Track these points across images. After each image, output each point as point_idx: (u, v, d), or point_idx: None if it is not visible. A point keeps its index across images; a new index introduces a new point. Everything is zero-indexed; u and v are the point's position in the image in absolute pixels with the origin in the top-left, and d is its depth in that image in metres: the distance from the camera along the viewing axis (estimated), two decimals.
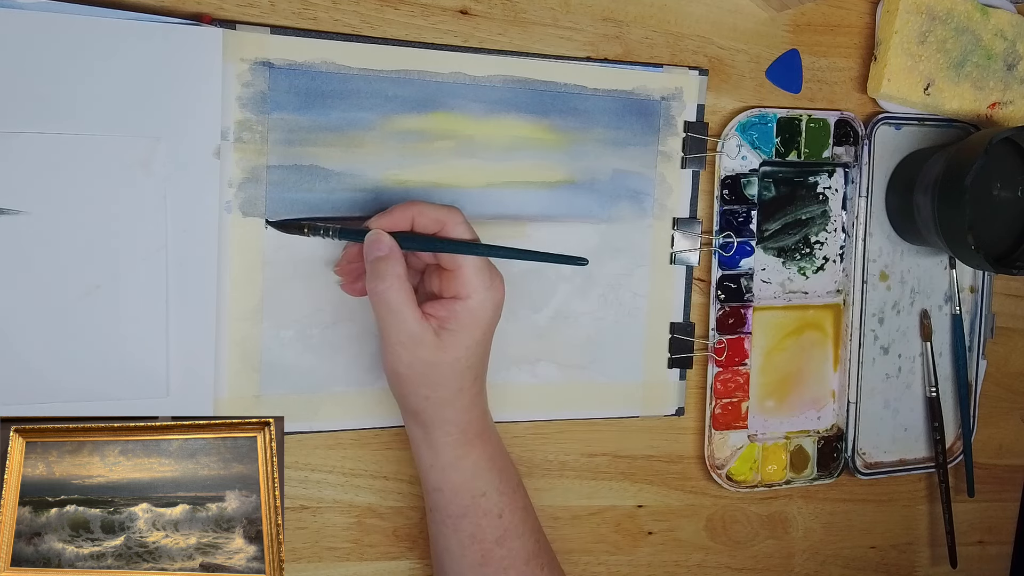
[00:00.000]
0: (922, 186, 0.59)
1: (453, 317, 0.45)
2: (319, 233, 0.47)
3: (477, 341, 0.46)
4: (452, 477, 0.48)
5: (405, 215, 0.46)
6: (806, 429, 0.63)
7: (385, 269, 0.44)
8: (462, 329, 0.45)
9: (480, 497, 0.48)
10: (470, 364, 0.46)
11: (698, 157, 0.57)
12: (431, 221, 0.46)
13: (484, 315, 0.46)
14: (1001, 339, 0.69)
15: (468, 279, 0.45)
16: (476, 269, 0.45)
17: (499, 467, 0.49)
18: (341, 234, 0.46)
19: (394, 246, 0.45)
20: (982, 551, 0.71)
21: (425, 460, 0.48)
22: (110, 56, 0.44)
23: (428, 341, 0.44)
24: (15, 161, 0.43)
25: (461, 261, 0.45)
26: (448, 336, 0.45)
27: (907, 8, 0.59)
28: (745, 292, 0.59)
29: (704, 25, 0.57)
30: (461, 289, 0.45)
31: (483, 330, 0.46)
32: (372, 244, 0.45)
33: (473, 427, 0.48)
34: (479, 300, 0.45)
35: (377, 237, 0.45)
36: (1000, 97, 0.63)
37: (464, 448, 0.48)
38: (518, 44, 0.53)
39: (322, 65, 0.49)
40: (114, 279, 0.46)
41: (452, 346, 0.45)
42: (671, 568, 0.61)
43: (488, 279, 0.46)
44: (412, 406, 0.47)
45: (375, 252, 0.45)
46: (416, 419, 0.47)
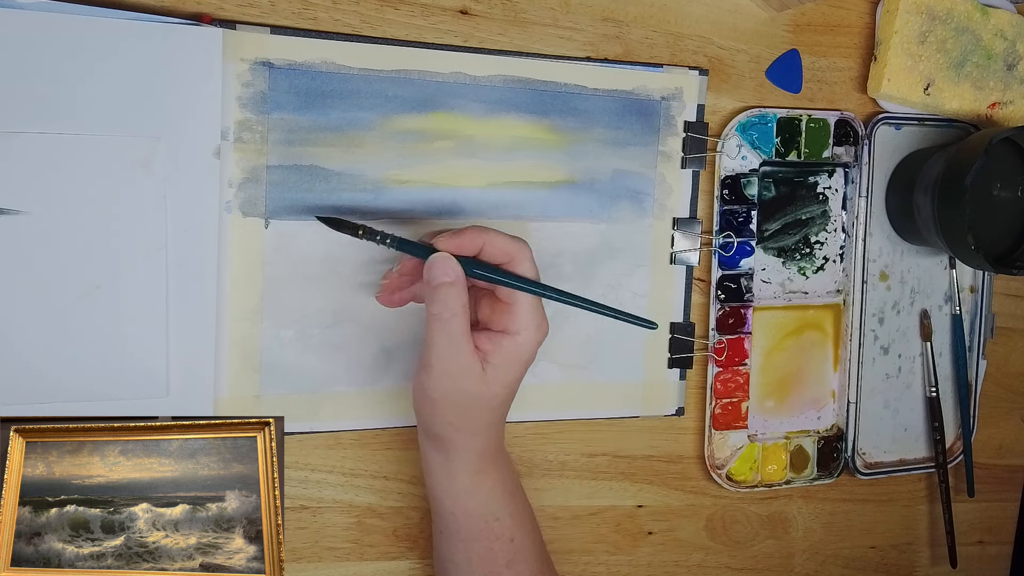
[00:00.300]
0: (922, 186, 0.59)
1: (499, 352, 0.44)
2: (375, 239, 0.45)
3: (516, 378, 0.46)
4: (467, 502, 0.47)
5: (475, 241, 0.44)
6: (806, 429, 0.63)
7: (450, 296, 0.43)
8: (505, 365, 0.45)
9: (494, 522, 0.48)
10: (504, 400, 0.46)
11: (698, 157, 0.57)
12: (500, 252, 0.45)
13: (528, 353, 0.45)
14: (1001, 339, 0.69)
15: (522, 316, 0.45)
16: (531, 307, 0.45)
17: (511, 491, 0.49)
18: (400, 245, 0.45)
19: (460, 273, 0.44)
20: (982, 551, 0.71)
21: (441, 484, 0.48)
22: (110, 56, 0.44)
23: (475, 374, 0.44)
24: (15, 161, 0.43)
25: (518, 297, 0.44)
26: (491, 371, 0.44)
27: (907, 8, 0.59)
28: (745, 292, 0.59)
29: (704, 25, 0.57)
30: (512, 324, 0.45)
31: (523, 368, 0.46)
32: (438, 267, 0.44)
33: (491, 454, 0.48)
34: (526, 338, 0.45)
35: (444, 261, 0.44)
36: (1000, 97, 0.63)
37: (481, 475, 0.47)
38: (518, 44, 0.53)
39: (322, 65, 0.49)
40: (114, 279, 0.46)
41: (494, 381, 0.44)
42: (671, 568, 0.61)
43: (540, 318, 0.45)
44: (437, 432, 0.46)
45: (441, 277, 0.43)
46: (438, 445, 0.47)
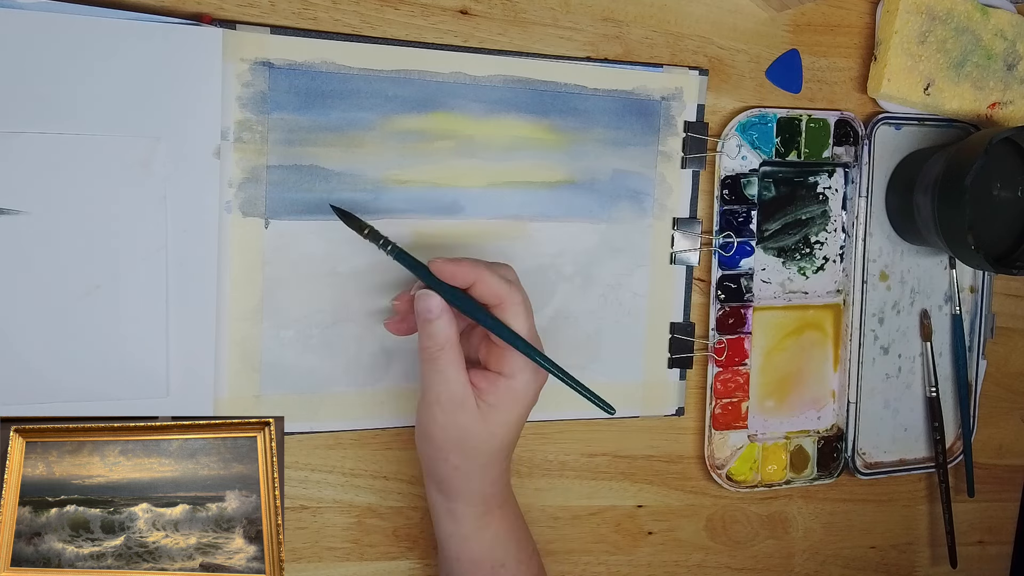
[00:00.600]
0: (922, 186, 0.59)
1: (494, 392, 0.44)
2: (377, 242, 0.46)
3: (516, 419, 0.45)
4: (472, 548, 0.47)
5: (468, 275, 0.44)
6: (806, 429, 0.63)
7: (436, 331, 0.43)
8: (502, 405, 0.44)
9: (499, 568, 0.48)
10: (505, 442, 0.46)
11: (698, 157, 0.57)
12: (491, 294, 0.44)
13: (526, 397, 0.45)
14: (1001, 339, 0.69)
15: (515, 360, 0.44)
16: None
17: (517, 537, 0.49)
18: (398, 255, 0.45)
19: (445, 310, 0.43)
20: (982, 551, 0.71)
21: (445, 529, 0.47)
22: (110, 56, 0.44)
23: (469, 408, 0.44)
24: (15, 161, 0.43)
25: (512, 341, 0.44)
26: (488, 409, 0.44)
27: (907, 8, 0.59)
28: (745, 292, 0.59)
29: (704, 25, 0.57)
30: (507, 367, 0.44)
31: (522, 411, 0.45)
32: (422, 303, 0.44)
33: (496, 499, 0.48)
34: (523, 382, 0.45)
35: (428, 298, 0.44)
36: (1000, 97, 0.63)
37: (486, 519, 0.47)
38: (518, 44, 0.53)
39: (322, 65, 0.49)
40: (114, 279, 0.46)
41: (491, 420, 0.44)
42: (671, 568, 0.61)
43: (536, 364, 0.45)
44: (439, 474, 0.46)
45: (425, 315, 0.43)
46: (440, 488, 0.47)
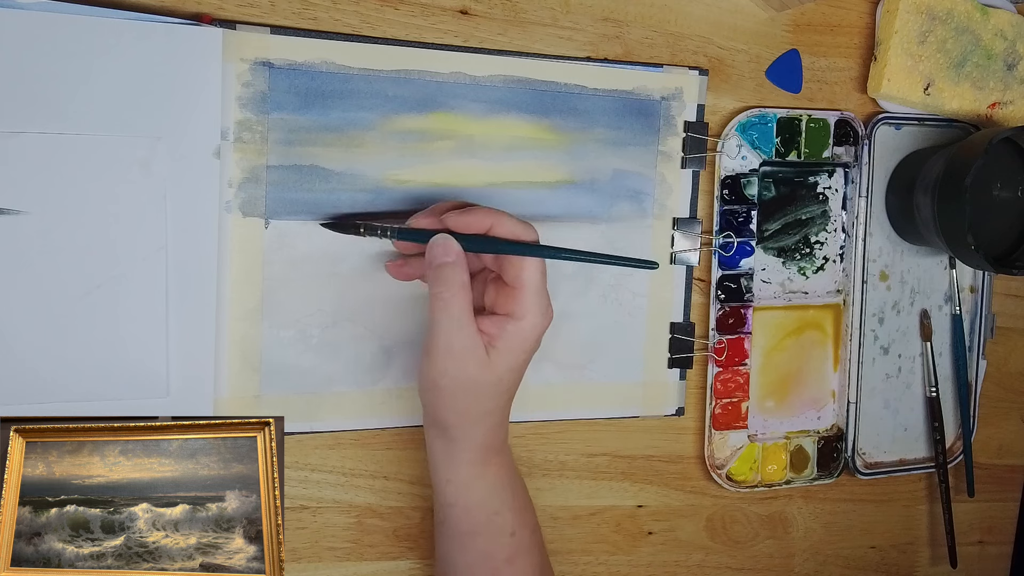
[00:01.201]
0: (922, 186, 0.59)
1: (503, 336, 0.44)
2: (375, 233, 0.46)
3: (521, 364, 0.45)
4: (468, 494, 0.47)
5: (484, 221, 0.44)
6: (806, 429, 0.63)
7: (451, 276, 0.43)
8: (509, 350, 0.44)
9: (494, 515, 0.48)
10: (509, 387, 0.46)
11: (698, 157, 0.57)
12: (507, 233, 0.45)
13: (532, 339, 0.45)
14: (1001, 339, 0.69)
15: (527, 299, 0.44)
16: (536, 291, 0.44)
17: (513, 486, 0.49)
18: (400, 235, 0.45)
19: (460, 253, 0.44)
20: (982, 551, 0.71)
21: (442, 474, 0.47)
22: (110, 56, 0.44)
23: (478, 356, 0.44)
24: (15, 161, 0.43)
25: (526, 280, 0.44)
26: (495, 355, 0.44)
27: (907, 8, 0.59)
28: (745, 292, 0.59)
29: (704, 25, 0.57)
30: (517, 309, 0.44)
31: (528, 354, 0.45)
32: (438, 248, 0.44)
33: (495, 447, 0.48)
34: (531, 323, 0.44)
35: (445, 242, 0.44)
36: (1000, 97, 0.63)
37: (483, 467, 0.47)
38: (518, 44, 0.53)
39: (322, 65, 0.49)
40: (114, 279, 0.46)
41: (498, 365, 0.44)
42: (671, 568, 0.61)
43: (544, 303, 0.45)
44: (442, 420, 0.46)
45: (442, 258, 0.43)
46: (442, 433, 0.46)
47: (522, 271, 0.44)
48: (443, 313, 0.43)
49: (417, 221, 0.47)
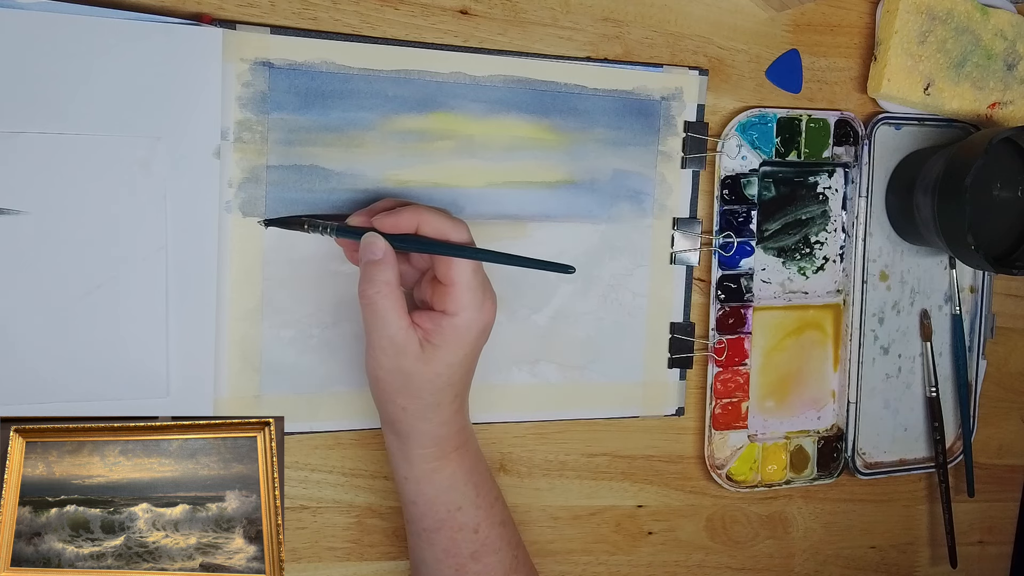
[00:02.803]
0: (922, 186, 0.59)
1: (439, 331, 0.45)
2: (318, 230, 0.46)
3: (460, 360, 0.45)
4: (426, 490, 0.47)
5: (411, 221, 0.45)
6: (806, 429, 0.63)
7: (376, 274, 0.44)
8: (446, 345, 0.45)
9: (456, 511, 0.48)
10: (451, 381, 0.46)
11: (698, 157, 0.57)
12: (434, 231, 0.45)
13: (470, 335, 0.45)
14: (1001, 339, 0.69)
15: (459, 296, 0.45)
16: (468, 287, 0.45)
17: (475, 481, 0.49)
18: (338, 231, 0.46)
19: (388, 251, 0.44)
20: (982, 551, 0.71)
21: (400, 471, 0.48)
22: (110, 56, 0.44)
23: (411, 351, 0.44)
24: (15, 161, 0.43)
25: (455, 277, 0.45)
26: (432, 350, 0.45)
27: (907, 8, 0.59)
28: (745, 292, 0.59)
29: (704, 25, 0.57)
30: (451, 305, 0.45)
31: (467, 350, 0.46)
32: (367, 247, 0.45)
33: (450, 442, 0.48)
34: (466, 319, 0.45)
35: (372, 241, 0.45)
36: (1000, 97, 0.63)
37: (439, 462, 0.47)
38: (518, 44, 0.53)
39: (322, 65, 0.49)
40: (114, 279, 0.46)
41: (434, 360, 0.45)
42: (671, 568, 0.61)
43: (480, 299, 0.45)
44: (389, 415, 0.46)
45: (369, 255, 0.44)
46: (392, 429, 0.47)
47: (451, 269, 0.45)
48: (369, 310, 0.44)
49: (354, 219, 0.47)
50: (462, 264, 0.45)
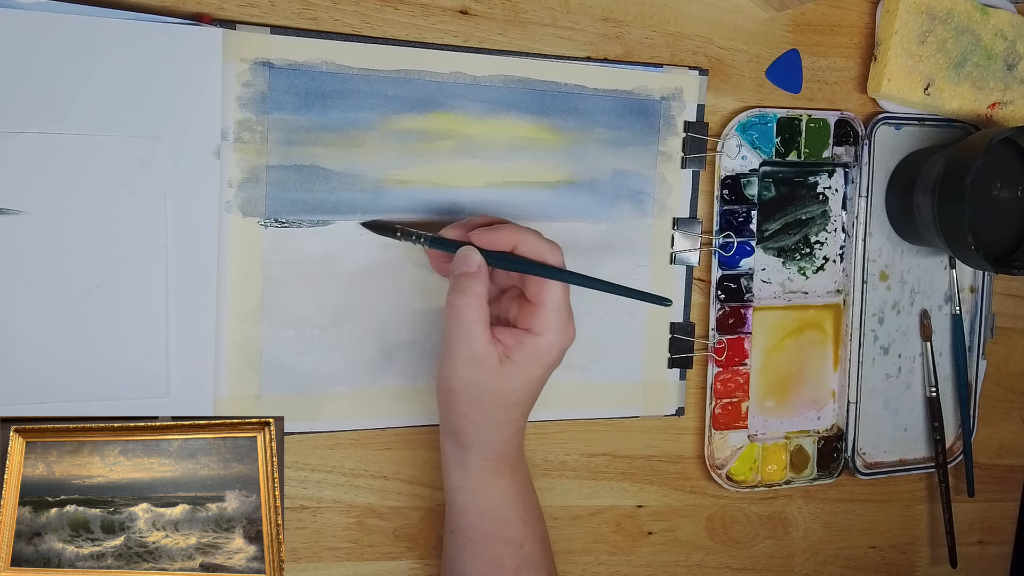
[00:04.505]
0: (922, 186, 0.59)
1: (520, 349, 0.45)
2: (411, 238, 0.47)
3: (536, 379, 0.46)
4: (479, 502, 0.48)
5: (509, 239, 0.46)
6: (806, 429, 0.63)
7: (468, 285, 0.44)
8: (525, 363, 0.45)
9: (504, 524, 0.48)
10: (522, 399, 0.46)
11: (698, 157, 0.57)
12: (531, 252, 0.46)
13: (550, 356, 0.46)
14: (1001, 339, 0.69)
15: (546, 317, 0.45)
16: (556, 309, 0.45)
17: (525, 497, 0.49)
18: (432, 243, 0.47)
19: (482, 265, 0.45)
20: (982, 551, 0.71)
21: (454, 480, 0.48)
22: (110, 56, 0.44)
23: (490, 365, 0.45)
24: (15, 161, 0.43)
25: (545, 298, 0.45)
26: (510, 366, 0.45)
27: (907, 8, 0.59)
28: (745, 292, 0.59)
29: (704, 25, 0.57)
30: (536, 325, 0.45)
31: (544, 370, 0.46)
32: (462, 259, 0.45)
33: (508, 457, 0.48)
34: (549, 340, 0.45)
35: (468, 254, 0.45)
36: (1000, 97, 0.63)
37: (495, 476, 0.48)
38: (518, 44, 0.53)
39: (322, 65, 0.49)
40: (114, 279, 0.46)
41: (511, 376, 0.45)
42: (671, 568, 0.61)
43: (564, 322, 0.46)
44: (455, 425, 0.47)
45: (462, 267, 0.45)
46: (455, 438, 0.47)
47: (542, 290, 0.45)
48: (454, 320, 0.44)
49: (449, 232, 0.48)
50: (553, 287, 0.45)
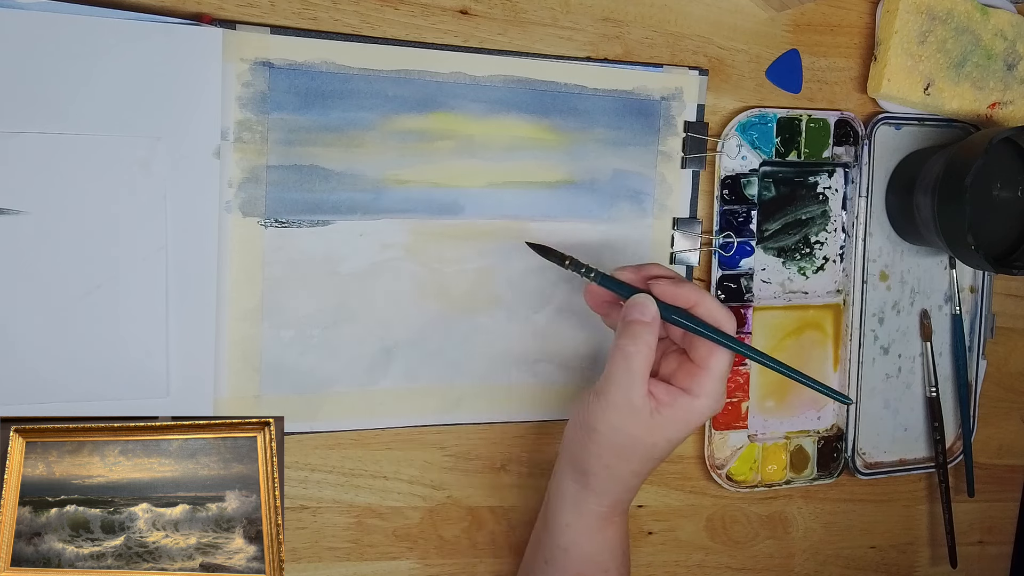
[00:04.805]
0: (922, 186, 0.59)
1: (672, 406, 0.45)
2: (580, 271, 0.48)
3: (679, 439, 0.46)
4: (583, 543, 0.48)
5: (690, 297, 0.46)
6: (806, 429, 0.63)
7: (641, 334, 0.45)
8: (674, 421, 0.45)
9: (603, 572, 0.48)
10: (661, 455, 0.47)
11: (698, 157, 0.57)
12: (708, 316, 0.46)
13: (699, 419, 0.46)
14: (1001, 339, 0.69)
15: (707, 382, 0.45)
16: (718, 377, 0.45)
17: (625, 548, 0.50)
18: (603, 281, 0.47)
19: (657, 316, 0.45)
20: (982, 551, 0.71)
21: (563, 517, 0.48)
22: (110, 56, 0.44)
23: (643, 418, 0.45)
24: (15, 161, 0.43)
25: (712, 364, 0.45)
26: (659, 420, 0.45)
27: (907, 8, 0.59)
28: (745, 292, 0.59)
29: (704, 25, 0.57)
30: (695, 387, 0.45)
31: (688, 431, 0.46)
32: (638, 306, 0.45)
33: (622, 506, 0.49)
34: (703, 404, 0.45)
35: (646, 302, 0.45)
36: (1000, 97, 0.63)
37: (606, 522, 0.48)
38: (518, 44, 0.53)
39: (322, 65, 0.49)
40: (114, 279, 0.46)
41: (657, 432, 0.45)
42: (671, 568, 0.61)
43: (722, 390, 0.46)
44: (587, 467, 0.47)
45: (637, 315, 0.45)
46: (580, 478, 0.47)
47: (711, 355, 0.45)
48: (623, 366, 0.45)
49: (622, 273, 0.48)
50: (722, 354, 0.45)
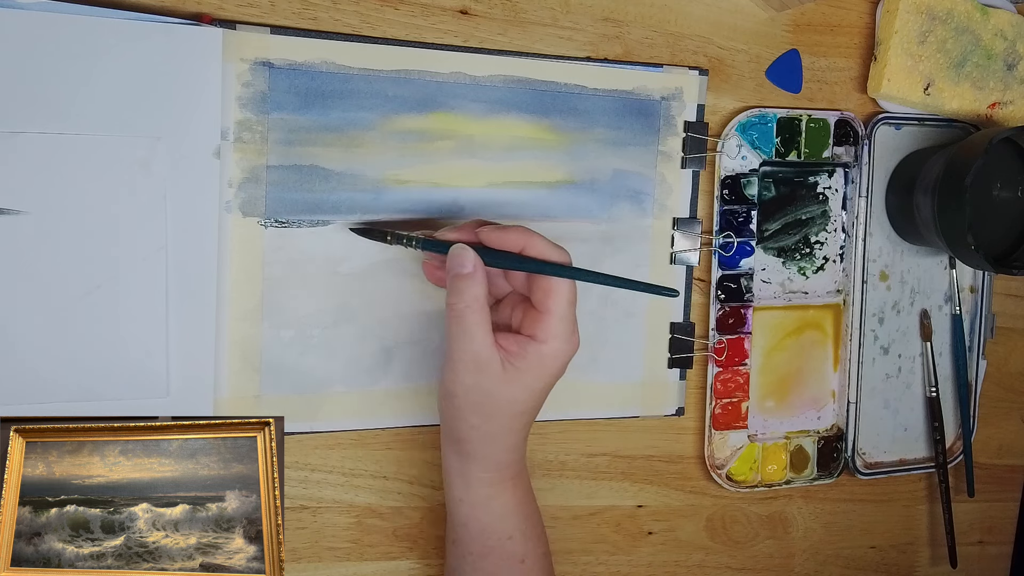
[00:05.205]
0: (922, 186, 0.59)
1: (523, 356, 0.44)
2: (402, 242, 0.46)
3: (540, 387, 0.45)
4: (480, 515, 0.47)
5: (518, 240, 0.44)
6: (806, 429, 0.63)
7: (466, 288, 0.43)
8: (529, 370, 0.44)
9: (506, 540, 0.48)
10: (526, 408, 0.46)
11: (698, 157, 0.57)
12: (539, 254, 0.44)
13: (555, 364, 0.45)
14: (1001, 339, 0.69)
15: (552, 324, 0.44)
16: (562, 317, 0.44)
17: (527, 512, 0.49)
18: (425, 244, 0.46)
19: (478, 264, 0.44)
20: (982, 551, 0.71)
21: (456, 492, 0.48)
22: (110, 56, 0.44)
23: (493, 370, 0.44)
24: (15, 161, 0.43)
25: (552, 306, 0.44)
26: (513, 372, 0.44)
27: (907, 8, 0.59)
28: (745, 292, 0.59)
29: (704, 25, 0.57)
30: (541, 332, 0.44)
31: (548, 379, 0.45)
32: (456, 258, 0.44)
33: (510, 469, 0.48)
34: (554, 348, 0.44)
35: (461, 252, 0.44)
36: (1000, 97, 0.63)
37: (497, 488, 0.47)
38: (518, 44, 0.53)
39: (322, 65, 0.49)
40: (114, 279, 0.46)
41: (515, 383, 0.44)
42: (671, 568, 0.61)
43: (570, 331, 0.45)
44: (457, 433, 0.46)
45: (458, 269, 0.44)
46: (457, 448, 0.47)
47: (548, 296, 0.44)
48: (456, 323, 0.43)
49: (444, 234, 0.47)
50: (560, 294, 0.44)
